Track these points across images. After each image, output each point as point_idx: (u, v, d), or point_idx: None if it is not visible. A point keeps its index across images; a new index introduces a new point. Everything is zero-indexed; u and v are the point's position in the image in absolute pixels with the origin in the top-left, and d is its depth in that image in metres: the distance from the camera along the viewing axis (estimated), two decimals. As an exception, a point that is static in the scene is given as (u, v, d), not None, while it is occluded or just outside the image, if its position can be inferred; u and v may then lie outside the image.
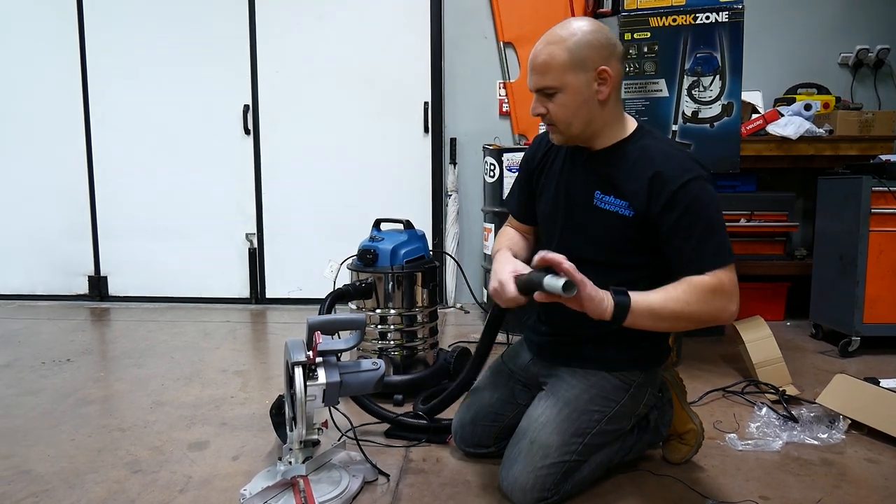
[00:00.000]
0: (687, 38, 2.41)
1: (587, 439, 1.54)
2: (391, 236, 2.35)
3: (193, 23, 3.99)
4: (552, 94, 1.46)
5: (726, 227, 1.47)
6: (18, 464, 1.82)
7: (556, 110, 1.47)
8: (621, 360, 1.58)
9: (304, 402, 1.48)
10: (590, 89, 1.44)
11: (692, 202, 1.41)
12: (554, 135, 1.55)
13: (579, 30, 1.44)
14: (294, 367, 1.48)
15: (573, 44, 1.42)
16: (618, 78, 1.47)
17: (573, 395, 1.56)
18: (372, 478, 1.69)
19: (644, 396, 1.62)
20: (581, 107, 1.45)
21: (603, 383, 1.57)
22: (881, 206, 2.74)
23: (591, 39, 1.43)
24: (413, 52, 3.90)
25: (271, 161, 4.07)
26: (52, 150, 4.15)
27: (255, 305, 4.13)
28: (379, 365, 1.61)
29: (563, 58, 1.42)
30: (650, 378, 1.62)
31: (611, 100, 1.48)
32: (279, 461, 1.65)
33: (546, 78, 1.45)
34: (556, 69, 1.43)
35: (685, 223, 1.41)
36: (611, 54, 1.45)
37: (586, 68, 1.42)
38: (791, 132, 3.05)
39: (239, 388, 2.49)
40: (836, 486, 1.67)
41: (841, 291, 2.88)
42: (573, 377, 1.59)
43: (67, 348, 3.06)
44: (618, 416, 1.58)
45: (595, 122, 1.49)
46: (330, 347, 1.52)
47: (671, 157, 1.46)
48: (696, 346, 2.96)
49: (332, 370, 1.53)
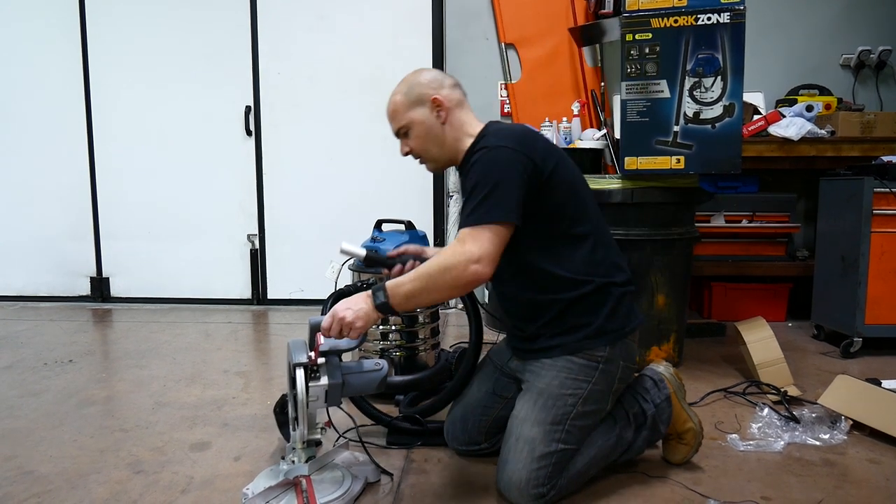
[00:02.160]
0: (688, 39, 2.41)
1: (567, 425, 1.56)
2: (392, 237, 2.35)
3: (195, 24, 4.00)
4: (407, 133, 1.70)
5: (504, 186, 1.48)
6: (21, 464, 1.82)
7: (415, 143, 1.70)
8: (579, 339, 1.60)
9: (306, 403, 1.48)
10: (432, 118, 1.67)
11: (471, 168, 1.55)
12: (426, 165, 1.76)
13: (409, 77, 1.72)
14: (296, 368, 1.49)
15: (407, 88, 1.69)
16: (452, 101, 1.68)
17: (544, 384, 1.59)
18: (374, 479, 1.69)
19: (617, 370, 1.62)
20: (430, 133, 1.68)
21: (570, 366, 1.59)
22: (883, 208, 2.74)
23: (420, 79, 1.69)
24: (414, 53, 3.90)
25: (273, 162, 4.08)
26: (55, 151, 4.16)
27: (256, 306, 4.13)
28: (382, 365, 1.61)
29: (403, 101, 1.69)
30: (618, 351, 1.62)
31: (451, 119, 1.68)
32: (282, 461, 1.65)
33: (396, 122, 1.71)
34: (401, 112, 1.69)
35: (464, 189, 1.57)
36: (440, 85, 1.69)
37: (423, 103, 1.67)
38: (793, 133, 3.05)
39: (241, 388, 2.49)
40: (838, 486, 1.67)
41: (842, 292, 2.88)
42: (542, 368, 1.62)
43: (70, 349, 3.07)
44: (593, 395, 1.59)
45: (446, 142, 1.69)
46: (332, 348, 1.52)
47: (486, 136, 1.61)
48: (697, 347, 2.96)
49: (335, 371, 1.52)
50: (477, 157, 1.54)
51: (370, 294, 1.49)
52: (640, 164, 2.50)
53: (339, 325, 1.47)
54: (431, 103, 1.66)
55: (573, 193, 1.61)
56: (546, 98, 3.89)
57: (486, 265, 1.44)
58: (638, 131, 2.49)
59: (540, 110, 3.84)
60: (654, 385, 1.74)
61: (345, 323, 1.46)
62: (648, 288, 2.56)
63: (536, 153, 1.55)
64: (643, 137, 2.48)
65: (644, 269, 2.54)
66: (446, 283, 1.45)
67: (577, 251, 1.59)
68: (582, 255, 1.59)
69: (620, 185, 2.53)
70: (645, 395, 1.73)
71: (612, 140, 3.47)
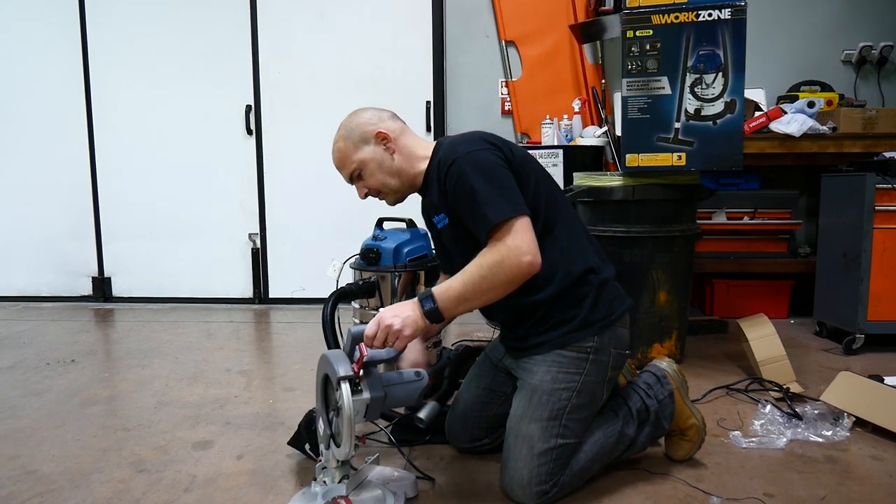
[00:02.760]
0: (689, 35, 2.40)
1: (564, 419, 1.55)
2: (394, 235, 2.35)
3: (196, 23, 4.00)
4: (360, 174, 1.68)
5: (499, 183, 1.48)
6: (24, 464, 1.82)
7: (371, 182, 1.68)
8: (567, 333, 1.59)
9: (352, 420, 1.36)
10: (379, 152, 1.66)
11: (457, 183, 1.50)
12: (387, 199, 1.74)
13: (346, 122, 1.69)
14: (341, 383, 1.37)
15: (347, 132, 1.67)
16: (395, 130, 1.69)
17: (537, 381, 1.58)
18: (413, 494, 1.59)
19: (608, 359, 1.61)
20: (382, 167, 1.67)
21: (560, 360, 1.58)
22: (885, 204, 2.73)
23: (358, 120, 1.68)
24: (415, 51, 3.90)
25: (273, 161, 4.08)
26: (56, 151, 4.16)
27: (258, 305, 4.14)
28: (422, 375, 1.54)
29: (347, 145, 1.67)
30: (607, 339, 1.61)
31: (399, 148, 1.68)
32: (313, 482, 1.53)
33: (346, 168, 1.68)
34: (349, 156, 1.67)
35: (460, 207, 1.52)
36: (379, 119, 1.69)
37: (367, 141, 1.66)
38: (794, 130, 3.05)
39: (243, 387, 2.49)
40: (841, 483, 1.66)
41: (845, 289, 2.88)
42: (534, 365, 1.61)
43: (72, 349, 3.07)
44: (587, 386, 1.58)
45: (402, 171, 1.68)
46: (376, 358, 1.42)
47: (447, 150, 1.57)
48: (699, 344, 2.96)
49: (376, 383, 1.42)
50: (454, 170, 1.50)
51: (417, 301, 1.45)
52: (642, 160, 2.50)
53: (385, 334, 1.41)
54: (376, 138, 1.65)
55: (539, 183, 1.60)
56: (547, 95, 3.89)
57: (535, 255, 1.43)
58: (639, 128, 2.49)
59: (541, 108, 3.84)
60: (657, 381, 1.74)
61: (392, 331, 1.41)
62: (650, 285, 2.55)
63: (503, 146, 1.57)
64: (644, 134, 2.48)
65: (645, 266, 2.54)
66: (501, 280, 1.42)
67: (553, 245, 1.57)
68: (558, 249, 1.57)
69: (622, 182, 2.52)
70: (648, 391, 1.72)
71: (613, 137, 3.47)
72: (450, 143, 1.59)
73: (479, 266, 1.43)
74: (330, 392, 1.47)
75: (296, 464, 1.80)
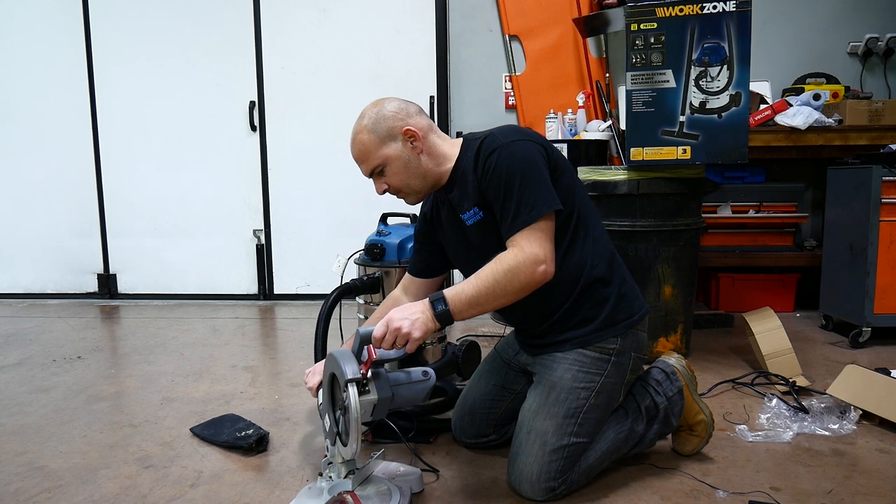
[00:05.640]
0: (694, 28, 2.39)
1: (580, 418, 1.55)
2: (398, 230, 2.35)
3: (199, 19, 4.00)
4: (382, 171, 1.59)
5: (534, 177, 1.47)
6: (31, 460, 1.83)
7: (393, 180, 1.59)
8: (589, 332, 1.58)
9: (358, 421, 1.36)
10: (407, 150, 1.57)
11: (494, 171, 1.48)
12: (407, 199, 1.66)
13: (370, 111, 1.59)
14: (348, 385, 1.36)
15: (372, 124, 1.56)
16: (423, 128, 1.59)
17: (557, 377, 1.58)
18: (419, 489, 1.59)
19: (628, 361, 1.61)
20: (408, 167, 1.58)
21: (582, 359, 1.57)
22: (891, 196, 2.72)
23: (383, 111, 1.57)
24: (418, 46, 3.89)
25: (278, 157, 4.08)
26: (60, 149, 4.17)
27: (263, 301, 4.14)
28: (430, 375, 1.52)
29: (372, 139, 1.56)
30: (629, 342, 1.61)
31: (427, 147, 1.59)
32: (319, 477, 1.54)
33: (368, 163, 1.58)
34: (372, 151, 1.56)
35: (492, 194, 1.50)
36: (407, 114, 1.58)
37: (394, 137, 1.56)
38: (800, 122, 3.03)
39: (248, 383, 2.50)
40: (848, 476, 1.66)
41: (851, 282, 2.86)
42: (554, 361, 1.60)
43: (78, 346, 3.08)
44: (606, 388, 1.58)
45: (428, 171, 1.60)
46: (383, 357, 1.41)
47: (490, 140, 1.53)
48: (705, 338, 2.96)
49: (383, 383, 1.42)
50: (492, 161, 1.48)
51: (428, 303, 1.43)
52: (646, 154, 2.49)
53: (394, 336, 1.39)
54: (404, 135, 1.56)
55: (573, 180, 1.60)
56: (551, 89, 3.88)
57: (550, 264, 1.44)
58: (643, 122, 2.48)
59: (544, 102, 3.83)
60: (666, 378, 1.74)
61: (401, 334, 1.38)
62: (655, 279, 2.55)
63: (543, 142, 1.56)
64: (649, 128, 2.47)
65: (650, 260, 2.53)
66: (514, 287, 1.42)
67: (584, 241, 1.58)
68: (585, 247, 1.58)
69: (626, 176, 2.52)
70: (657, 388, 1.72)
71: (617, 131, 3.45)
72: (491, 134, 1.56)
73: (494, 271, 1.42)
74: (336, 390, 1.47)
75: (301, 459, 1.81)
